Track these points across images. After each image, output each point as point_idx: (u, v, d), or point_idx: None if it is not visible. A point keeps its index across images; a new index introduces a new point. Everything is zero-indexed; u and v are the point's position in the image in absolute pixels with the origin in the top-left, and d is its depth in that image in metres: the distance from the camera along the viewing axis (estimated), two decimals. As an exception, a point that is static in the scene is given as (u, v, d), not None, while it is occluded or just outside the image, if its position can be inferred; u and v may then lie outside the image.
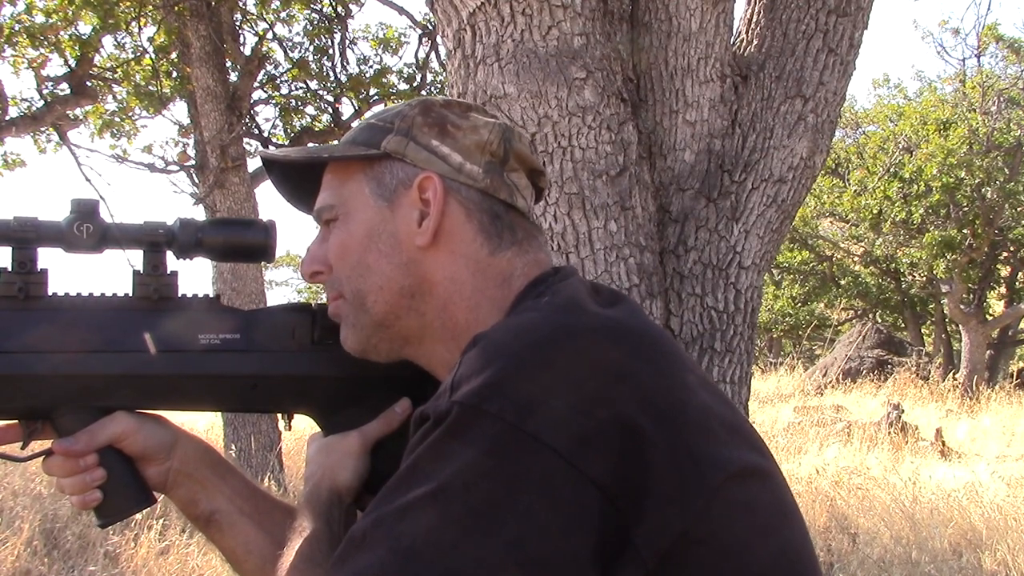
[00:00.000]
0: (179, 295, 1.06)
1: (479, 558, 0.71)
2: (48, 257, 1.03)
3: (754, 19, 2.14)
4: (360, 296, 0.99)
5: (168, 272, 1.06)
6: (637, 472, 0.75)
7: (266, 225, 1.09)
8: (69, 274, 1.08)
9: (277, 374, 1.06)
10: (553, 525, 0.73)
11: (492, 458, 0.74)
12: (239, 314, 1.08)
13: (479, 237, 0.98)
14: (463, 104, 1.04)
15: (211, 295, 1.09)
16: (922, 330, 21.48)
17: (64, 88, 8.33)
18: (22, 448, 1.08)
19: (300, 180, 1.08)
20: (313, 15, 8.89)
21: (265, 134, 8.97)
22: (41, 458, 1.06)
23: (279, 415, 1.14)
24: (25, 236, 0.99)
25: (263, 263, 3.19)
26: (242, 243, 1.08)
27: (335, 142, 1.28)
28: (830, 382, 15.45)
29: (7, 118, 8.22)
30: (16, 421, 1.05)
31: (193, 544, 4.72)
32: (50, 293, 1.01)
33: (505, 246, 0.99)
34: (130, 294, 1.04)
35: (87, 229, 1.00)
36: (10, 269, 1.00)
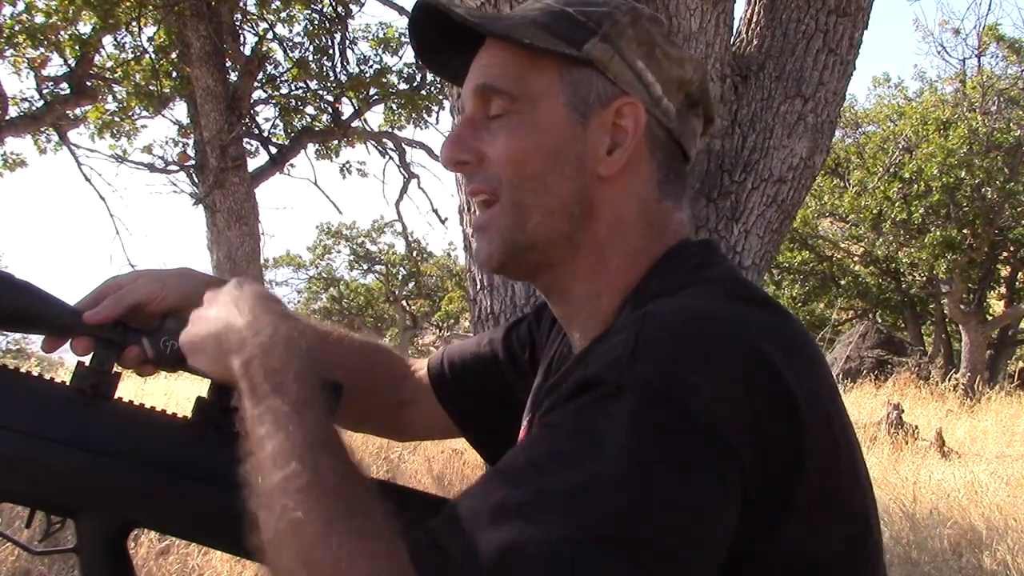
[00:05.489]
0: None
1: (650, 544, 0.66)
2: None
3: (754, 19, 2.14)
4: (524, 212, 0.88)
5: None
6: (786, 484, 0.72)
7: None
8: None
9: None
10: (719, 520, 0.70)
11: (671, 445, 0.69)
12: None
13: (654, 179, 0.90)
14: (663, 23, 0.93)
15: None
16: (922, 330, 21.47)
17: (64, 88, 8.35)
18: (40, 542, 1.05)
19: (447, 35, 0.93)
20: (313, 15, 8.90)
21: (265, 134, 8.97)
22: (54, 554, 1.03)
23: None
24: (112, 338, 0.99)
25: (263, 263, 3.14)
26: None
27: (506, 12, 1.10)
28: (830, 382, 15.42)
29: (7, 118, 8.23)
30: (34, 509, 1.01)
31: (193, 544, 4.72)
32: (115, 397, 0.99)
33: (669, 196, 0.91)
34: (189, 417, 1.00)
35: (172, 345, 0.98)
36: (87, 365, 0.99)
